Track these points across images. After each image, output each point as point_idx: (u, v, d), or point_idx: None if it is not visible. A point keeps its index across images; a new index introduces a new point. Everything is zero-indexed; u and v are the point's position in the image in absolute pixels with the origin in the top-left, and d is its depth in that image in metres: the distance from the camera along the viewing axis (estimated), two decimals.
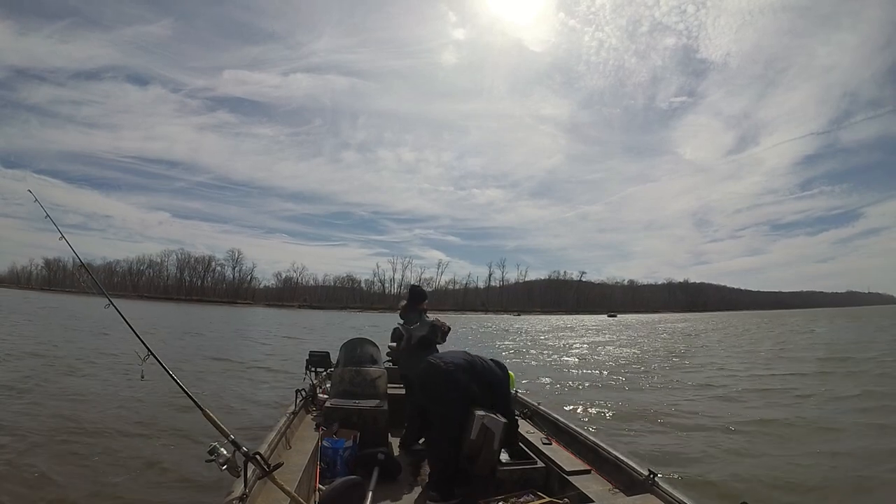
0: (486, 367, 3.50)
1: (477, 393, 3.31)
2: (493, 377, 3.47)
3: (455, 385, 3.30)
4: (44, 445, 5.69)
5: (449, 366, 3.38)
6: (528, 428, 4.22)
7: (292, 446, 3.45)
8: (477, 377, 3.38)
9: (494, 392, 3.42)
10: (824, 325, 41.63)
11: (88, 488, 4.68)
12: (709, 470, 5.68)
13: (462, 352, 3.64)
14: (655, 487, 2.78)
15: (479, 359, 3.56)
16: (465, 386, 3.30)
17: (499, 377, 3.52)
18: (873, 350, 18.66)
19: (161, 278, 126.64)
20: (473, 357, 3.56)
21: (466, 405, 3.26)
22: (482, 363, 3.52)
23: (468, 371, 3.39)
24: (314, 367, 5.95)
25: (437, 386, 3.36)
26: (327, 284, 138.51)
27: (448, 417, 3.29)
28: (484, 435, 3.14)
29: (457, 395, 3.28)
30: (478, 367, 3.46)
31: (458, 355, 3.54)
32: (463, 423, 3.22)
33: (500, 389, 3.48)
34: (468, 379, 3.34)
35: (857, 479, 5.36)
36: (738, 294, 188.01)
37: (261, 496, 2.46)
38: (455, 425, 3.25)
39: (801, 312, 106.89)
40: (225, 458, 2.14)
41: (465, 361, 3.45)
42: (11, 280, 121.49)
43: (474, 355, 3.60)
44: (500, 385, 3.50)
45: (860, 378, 12.17)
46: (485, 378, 3.42)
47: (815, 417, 8.08)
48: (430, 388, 3.43)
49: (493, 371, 3.51)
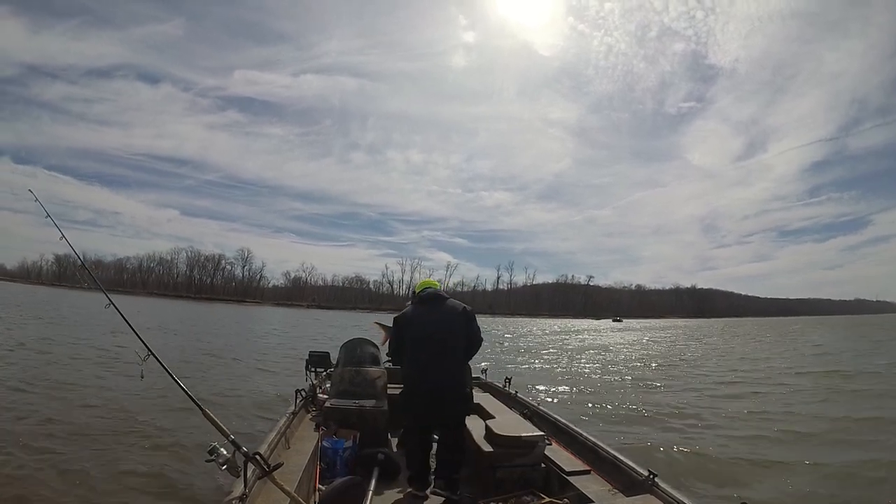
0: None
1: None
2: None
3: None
4: (37, 446, 5.69)
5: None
6: (529, 428, 4.22)
7: (292, 446, 3.45)
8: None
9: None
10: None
11: (87, 489, 4.71)
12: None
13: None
14: (655, 488, 2.77)
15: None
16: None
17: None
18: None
19: (171, 276, 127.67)
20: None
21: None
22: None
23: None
24: (314, 367, 5.93)
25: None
26: (336, 284, 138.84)
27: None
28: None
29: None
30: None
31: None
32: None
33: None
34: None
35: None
36: (745, 300, 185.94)
37: (261, 496, 2.46)
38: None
39: (802, 320, 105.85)
40: (225, 458, 2.14)
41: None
42: (22, 275, 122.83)
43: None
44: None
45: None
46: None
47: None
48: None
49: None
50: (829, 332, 43.66)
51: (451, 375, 3.54)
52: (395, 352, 3.81)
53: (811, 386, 12.57)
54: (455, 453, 3.57)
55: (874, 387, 11.99)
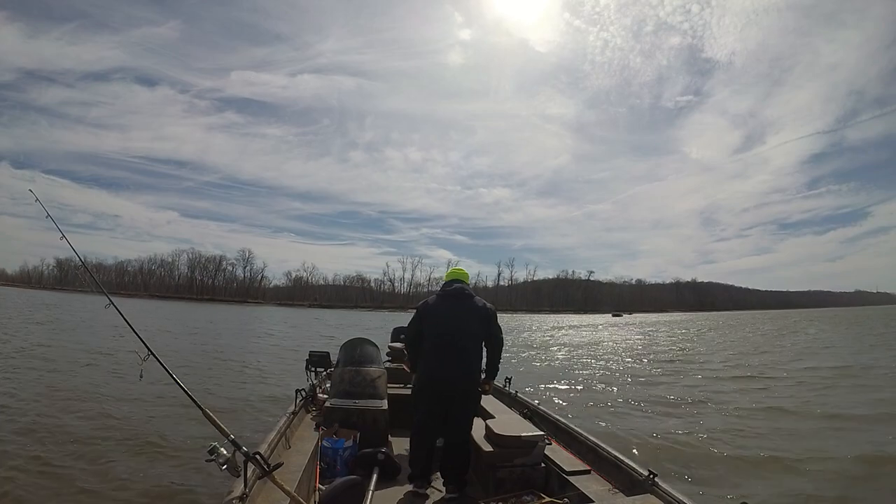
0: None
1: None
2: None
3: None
4: (37, 447, 5.71)
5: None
6: (529, 428, 4.24)
7: (292, 446, 3.46)
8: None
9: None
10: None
11: (87, 489, 4.73)
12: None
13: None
14: (655, 487, 2.77)
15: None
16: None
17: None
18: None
19: (172, 278, 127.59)
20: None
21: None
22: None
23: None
24: (314, 366, 5.94)
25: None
26: (337, 284, 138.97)
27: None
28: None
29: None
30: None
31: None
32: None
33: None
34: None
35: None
36: (745, 293, 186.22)
37: (261, 496, 2.47)
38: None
39: (800, 313, 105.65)
40: (225, 458, 2.15)
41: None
42: (23, 280, 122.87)
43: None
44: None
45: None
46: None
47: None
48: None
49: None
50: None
51: (465, 374, 3.54)
52: (412, 340, 3.78)
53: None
54: (463, 452, 3.57)
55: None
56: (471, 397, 3.62)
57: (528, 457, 3.48)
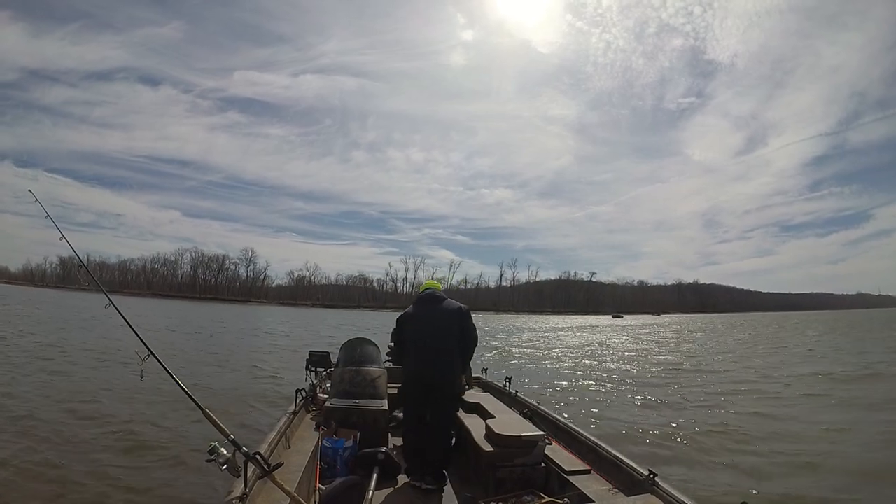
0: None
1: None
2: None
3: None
4: (37, 447, 5.71)
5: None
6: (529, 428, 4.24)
7: (292, 446, 3.47)
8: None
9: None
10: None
11: (87, 488, 4.73)
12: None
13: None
14: (655, 487, 2.77)
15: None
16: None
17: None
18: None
19: (175, 277, 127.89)
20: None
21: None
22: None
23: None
24: (314, 366, 5.94)
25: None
26: (339, 283, 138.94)
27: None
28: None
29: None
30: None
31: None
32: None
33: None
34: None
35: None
36: (747, 295, 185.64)
37: (261, 496, 2.47)
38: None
39: (800, 315, 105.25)
40: (225, 458, 2.15)
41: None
42: (26, 278, 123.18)
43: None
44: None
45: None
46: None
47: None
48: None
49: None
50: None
51: (443, 369, 3.82)
52: (396, 349, 4.13)
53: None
54: (442, 442, 3.79)
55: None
56: (450, 388, 3.90)
57: (529, 457, 3.48)
